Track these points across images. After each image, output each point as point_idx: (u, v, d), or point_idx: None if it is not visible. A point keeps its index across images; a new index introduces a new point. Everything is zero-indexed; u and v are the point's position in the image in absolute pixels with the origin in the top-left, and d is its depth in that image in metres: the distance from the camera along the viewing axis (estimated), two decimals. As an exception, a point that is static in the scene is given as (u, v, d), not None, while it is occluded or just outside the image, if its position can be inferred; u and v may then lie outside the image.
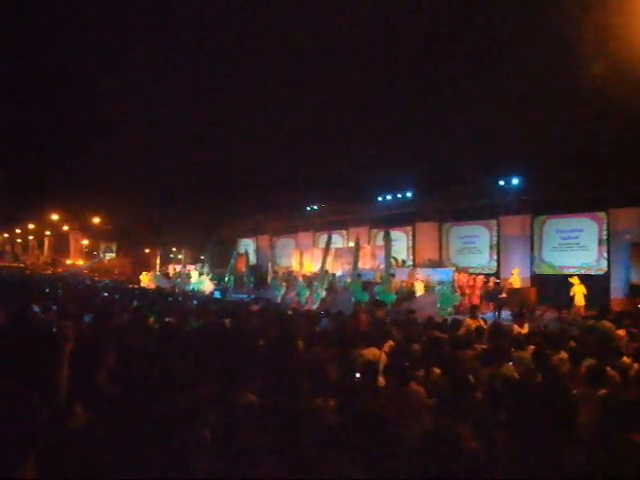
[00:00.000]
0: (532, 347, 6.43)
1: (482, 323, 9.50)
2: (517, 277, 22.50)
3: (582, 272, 23.76)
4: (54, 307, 9.72)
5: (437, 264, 25.77)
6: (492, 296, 20.86)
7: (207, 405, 3.16)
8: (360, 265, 26.40)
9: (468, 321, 9.41)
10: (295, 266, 29.03)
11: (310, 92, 37.94)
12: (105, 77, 40.87)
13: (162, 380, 2.85)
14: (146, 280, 32.09)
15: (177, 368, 3.34)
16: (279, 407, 2.90)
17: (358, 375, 5.09)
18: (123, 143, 44.88)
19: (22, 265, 49.78)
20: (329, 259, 26.56)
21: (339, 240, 36.29)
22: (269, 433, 2.67)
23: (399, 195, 32.31)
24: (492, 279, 23.01)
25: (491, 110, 26.38)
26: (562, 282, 23.83)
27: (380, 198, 33.49)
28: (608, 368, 4.81)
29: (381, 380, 4.94)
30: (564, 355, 5.91)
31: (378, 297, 18.46)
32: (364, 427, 2.46)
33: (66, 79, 41.71)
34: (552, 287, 23.91)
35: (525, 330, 9.26)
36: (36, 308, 9.16)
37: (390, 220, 33.01)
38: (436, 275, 22.15)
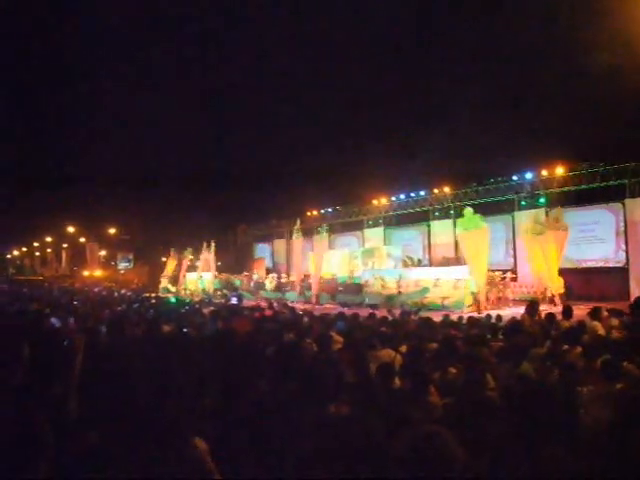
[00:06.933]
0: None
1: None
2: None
3: (601, 265, 23.50)
4: (71, 319, 9.78)
5: (453, 262, 25.51)
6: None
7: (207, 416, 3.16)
8: (376, 266, 26.38)
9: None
10: (312, 269, 28.79)
11: (323, 95, 38.09)
12: (119, 86, 41.39)
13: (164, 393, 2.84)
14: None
15: (181, 379, 3.33)
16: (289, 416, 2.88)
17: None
18: (138, 152, 45.35)
19: (40, 278, 50.23)
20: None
21: (354, 241, 36.25)
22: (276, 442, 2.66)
23: (412, 194, 32.27)
24: (509, 274, 22.85)
25: (502, 104, 26.26)
26: (581, 276, 23.60)
27: (394, 198, 33.43)
28: (625, 363, 4.70)
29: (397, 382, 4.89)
30: (579, 350, 5.78)
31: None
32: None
33: (77, 89, 42.26)
34: (572, 281, 23.65)
35: None
36: (54, 320, 9.22)
37: (405, 219, 33.12)
38: (453, 273, 21.96)
